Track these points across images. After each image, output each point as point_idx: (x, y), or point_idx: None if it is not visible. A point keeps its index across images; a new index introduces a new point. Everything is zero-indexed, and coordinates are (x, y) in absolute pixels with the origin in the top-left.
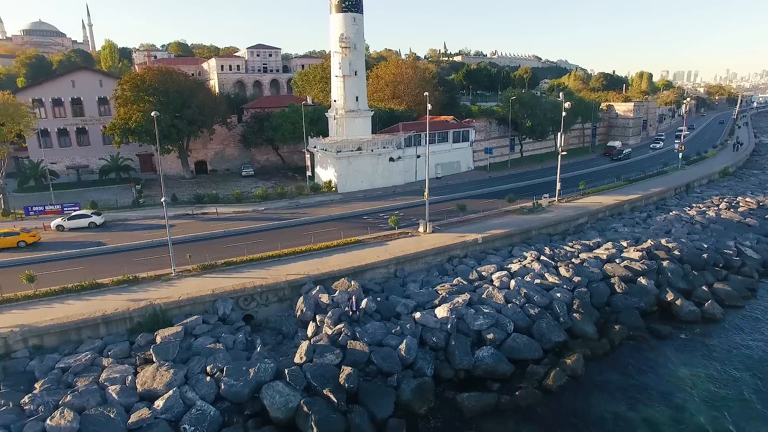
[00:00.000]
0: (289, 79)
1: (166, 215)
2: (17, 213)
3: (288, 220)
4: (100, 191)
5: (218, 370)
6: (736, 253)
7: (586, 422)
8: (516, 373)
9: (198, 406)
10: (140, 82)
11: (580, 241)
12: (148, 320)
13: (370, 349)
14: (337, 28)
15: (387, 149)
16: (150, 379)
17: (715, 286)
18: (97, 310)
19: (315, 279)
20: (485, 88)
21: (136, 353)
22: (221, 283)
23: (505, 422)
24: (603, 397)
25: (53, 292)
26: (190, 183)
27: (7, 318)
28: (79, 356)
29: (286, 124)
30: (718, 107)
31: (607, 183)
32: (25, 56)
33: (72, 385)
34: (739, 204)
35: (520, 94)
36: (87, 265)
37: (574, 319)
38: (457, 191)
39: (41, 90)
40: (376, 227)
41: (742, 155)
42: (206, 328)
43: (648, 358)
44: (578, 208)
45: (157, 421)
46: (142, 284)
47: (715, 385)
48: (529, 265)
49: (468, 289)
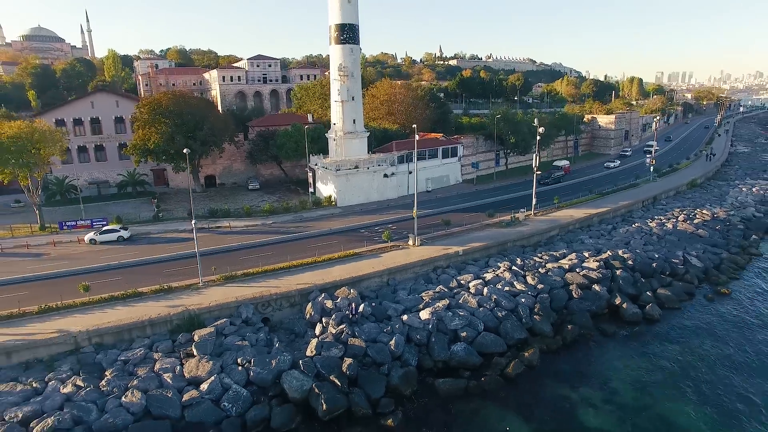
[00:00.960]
0: (288, 89)
1: (196, 237)
2: (52, 227)
3: (294, 234)
4: (119, 205)
5: (246, 362)
6: (682, 261)
7: (537, 402)
8: (483, 363)
9: (233, 389)
10: (157, 106)
11: (549, 252)
12: (185, 323)
13: (366, 344)
14: (336, 58)
15: (381, 167)
16: (194, 368)
17: (658, 291)
18: (143, 315)
19: (320, 287)
20: (478, 95)
21: (178, 349)
22: (242, 292)
23: (472, 402)
24: (553, 382)
25: (104, 300)
26: (202, 196)
27: (72, 320)
28: (135, 351)
29: (290, 142)
30: (706, 112)
31: (581, 196)
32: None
33: (133, 373)
34: (696, 216)
35: (505, 111)
36: (125, 275)
37: (535, 320)
38: (445, 204)
39: (63, 111)
40: (371, 240)
41: (713, 167)
42: (233, 329)
43: (592, 352)
44: (551, 222)
45: (203, 400)
46: (176, 293)
47: (643, 372)
48: (502, 274)
49: (448, 295)
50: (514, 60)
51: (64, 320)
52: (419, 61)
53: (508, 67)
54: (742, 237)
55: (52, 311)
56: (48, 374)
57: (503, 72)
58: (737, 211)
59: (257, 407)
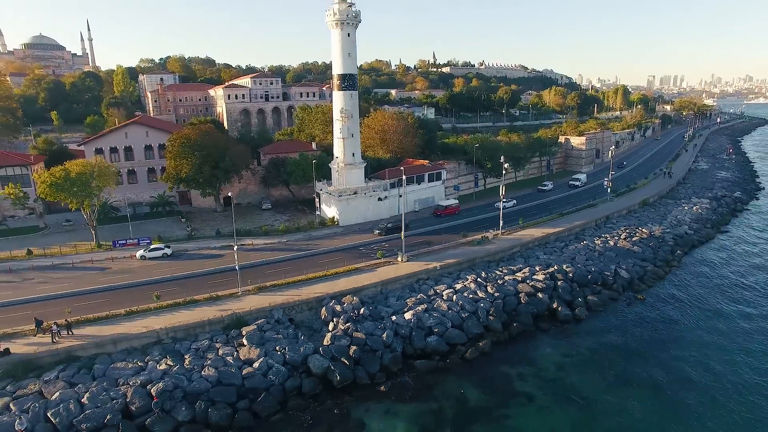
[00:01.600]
0: (289, 106)
1: (237, 257)
2: (106, 245)
3: (306, 251)
4: (153, 223)
5: (282, 348)
6: (613, 274)
7: (486, 376)
8: (449, 350)
9: (275, 367)
10: (186, 140)
11: (508, 267)
12: (233, 322)
13: (366, 336)
14: (338, 102)
15: (376, 192)
16: (247, 353)
17: (588, 298)
18: (202, 316)
19: (331, 296)
20: (467, 109)
21: (232, 341)
22: (273, 299)
23: (440, 377)
24: (499, 364)
25: (171, 305)
26: (222, 215)
27: (151, 321)
28: (201, 342)
29: (299, 170)
30: (685, 122)
31: (544, 216)
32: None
33: (203, 357)
34: (636, 234)
35: (484, 139)
36: (178, 286)
37: (489, 320)
38: (429, 225)
39: (102, 141)
40: (368, 257)
41: (668, 185)
42: (269, 326)
43: (530, 343)
44: (514, 241)
45: (256, 374)
46: (222, 300)
47: (565, 356)
48: (468, 285)
49: (426, 301)
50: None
51: (146, 320)
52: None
53: (500, 74)
54: (669, 252)
55: (135, 314)
56: (145, 357)
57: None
58: (673, 228)
59: (292, 379)
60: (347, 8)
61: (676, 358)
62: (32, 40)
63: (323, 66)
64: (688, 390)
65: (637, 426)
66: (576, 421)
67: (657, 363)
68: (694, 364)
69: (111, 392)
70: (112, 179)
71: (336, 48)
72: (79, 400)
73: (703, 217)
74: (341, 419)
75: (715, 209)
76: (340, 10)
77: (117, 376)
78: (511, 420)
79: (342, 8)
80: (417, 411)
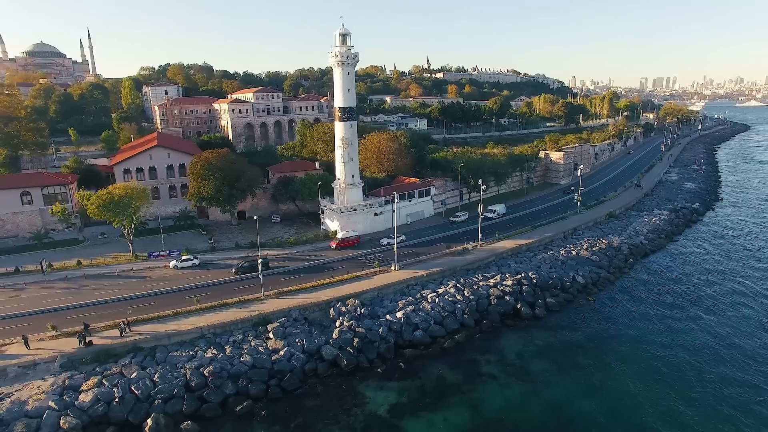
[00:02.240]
0: (289, 120)
1: (260, 268)
2: (141, 256)
3: (313, 261)
4: (178, 236)
5: (301, 341)
6: (571, 279)
7: (460, 362)
8: (431, 342)
9: (296, 354)
10: (207, 163)
11: (483, 274)
12: (260, 320)
13: (366, 331)
14: (339, 132)
15: (373, 208)
16: (273, 344)
17: (548, 300)
18: (235, 316)
19: (337, 299)
20: (458, 119)
21: (260, 335)
22: (290, 302)
23: (424, 361)
24: (470, 352)
25: (208, 307)
26: (237, 228)
27: (195, 320)
28: (237, 336)
29: (305, 189)
30: (668, 130)
31: (519, 228)
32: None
33: (240, 348)
34: (596, 244)
35: (468, 158)
36: (210, 292)
37: (465, 317)
38: (419, 236)
39: (130, 162)
40: (366, 266)
41: (635, 198)
42: (289, 323)
43: (497, 336)
44: (491, 251)
45: (282, 360)
46: (249, 302)
47: (524, 347)
48: (449, 290)
49: (414, 303)
50: (499, 72)
51: (190, 319)
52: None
53: (493, 80)
54: (623, 260)
55: (180, 314)
56: (194, 348)
57: (488, 85)
58: (630, 239)
59: (309, 363)
60: (347, 51)
61: (612, 348)
62: (33, 48)
63: (319, 72)
64: (617, 372)
65: (571, 396)
66: (527, 393)
67: (595, 352)
68: (624, 353)
69: (174, 373)
70: (146, 199)
71: (337, 84)
72: (152, 378)
73: (660, 228)
74: (348, 393)
75: (672, 220)
76: (342, 53)
77: (175, 362)
78: (477, 393)
79: (343, 51)
80: (405, 387)
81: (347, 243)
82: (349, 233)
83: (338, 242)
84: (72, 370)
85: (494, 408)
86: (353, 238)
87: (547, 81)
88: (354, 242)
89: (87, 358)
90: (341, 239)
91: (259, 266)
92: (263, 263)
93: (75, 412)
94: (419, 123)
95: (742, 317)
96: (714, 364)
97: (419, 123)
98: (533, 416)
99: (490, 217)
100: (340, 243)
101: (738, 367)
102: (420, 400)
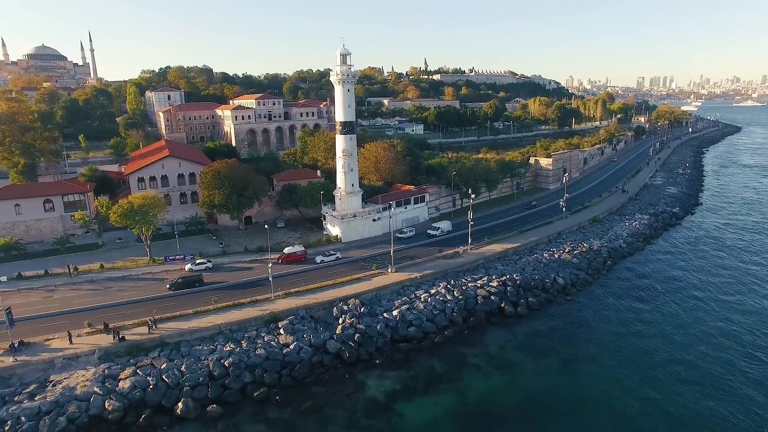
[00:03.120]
0: (290, 126)
1: (271, 271)
2: (158, 260)
3: (317, 264)
4: (189, 240)
5: (308, 336)
6: (552, 280)
7: (449, 354)
8: (423, 337)
9: (305, 348)
10: (217, 174)
11: (472, 276)
12: (271, 318)
13: (365, 327)
14: (340, 144)
15: (371, 214)
16: (284, 339)
17: (530, 299)
18: (249, 315)
19: (339, 299)
20: (454, 124)
21: (272, 331)
22: (297, 302)
23: (418, 354)
24: (458, 346)
25: (224, 307)
26: (244, 233)
27: (212, 318)
28: (251, 333)
29: (308, 196)
30: (660, 132)
31: (507, 233)
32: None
33: (255, 342)
34: (578, 248)
35: (461, 166)
36: (226, 293)
37: (454, 315)
38: (414, 241)
39: (144, 171)
40: (365, 268)
41: (619, 202)
42: (297, 320)
43: (482, 332)
44: (479, 255)
45: (291, 352)
46: (260, 302)
47: (507, 341)
48: (440, 290)
49: (408, 302)
50: (496, 73)
51: (209, 317)
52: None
53: (489, 81)
54: (602, 263)
55: (200, 313)
56: (214, 343)
57: (484, 86)
58: (610, 242)
59: (316, 356)
60: (347, 69)
61: (584, 341)
62: (35, 51)
63: (317, 74)
64: (590, 362)
65: (545, 384)
66: (507, 381)
67: (570, 345)
68: (596, 346)
69: (198, 364)
70: (162, 208)
71: (338, 100)
72: (179, 369)
73: (639, 231)
74: (350, 381)
75: (651, 224)
76: (342, 72)
77: (198, 355)
78: (463, 381)
79: (344, 69)
80: (400, 376)
81: (293, 258)
82: (295, 249)
83: (283, 257)
84: (109, 361)
85: (477, 393)
86: (299, 253)
87: (543, 82)
88: (300, 257)
89: (121, 352)
90: (287, 254)
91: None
92: (196, 279)
93: (117, 397)
94: (416, 128)
95: (698, 311)
96: (673, 350)
97: (416, 128)
98: (511, 400)
99: (433, 234)
100: (285, 258)
101: (691, 351)
102: (413, 387)
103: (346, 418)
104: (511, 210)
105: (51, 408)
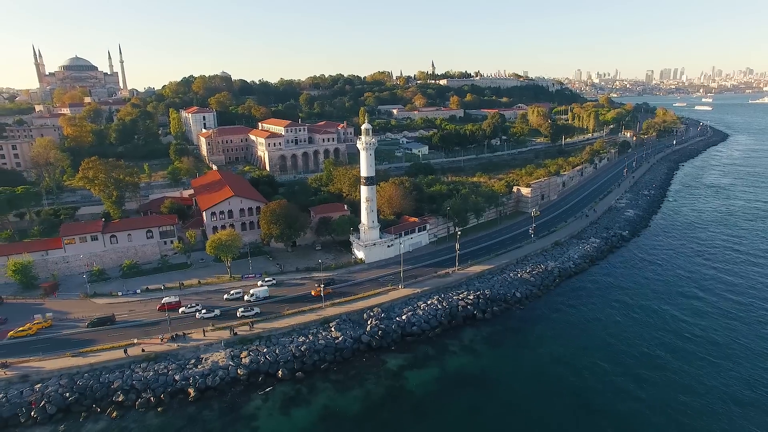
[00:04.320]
0: (314, 151)
1: (323, 289)
2: (236, 277)
3: (349, 282)
4: (253, 261)
5: (349, 332)
6: (512, 294)
7: (438, 345)
8: (421, 333)
9: (348, 340)
10: (273, 212)
11: (457, 291)
12: (323, 321)
13: (385, 327)
14: (364, 193)
15: (386, 242)
16: (334, 334)
17: (494, 308)
18: (310, 318)
19: (367, 307)
20: (456, 144)
21: (327, 329)
22: (340, 309)
23: (418, 344)
24: (444, 339)
25: (294, 313)
26: (292, 254)
27: (287, 321)
28: (313, 330)
29: (340, 228)
30: (646, 145)
31: (488, 255)
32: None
33: (316, 336)
34: (536, 269)
35: (454, 204)
36: (289, 303)
37: (442, 319)
38: (418, 262)
39: (216, 207)
40: (383, 285)
41: (579, 227)
42: (341, 322)
43: (460, 331)
44: (464, 274)
45: (340, 342)
46: (315, 310)
47: (475, 336)
48: (434, 302)
49: (412, 310)
50: (500, 77)
51: (284, 320)
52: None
53: (494, 85)
54: (552, 280)
55: (278, 317)
56: (291, 336)
57: (489, 90)
58: (562, 264)
59: (355, 344)
60: (370, 140)
61: (528, 335)
62: (69, 62)
63: (330, 79)
64: (527, 349)
65: (500, 362)
66: (474, 359)
67: (517, 338)
68: (535, 339)
69: (285, 348)
70: (240, 241)
71: (363, 161)
72: (274, 352)
73: (588, 254)
74: (376, 360)
75: (600, 247)
76: (366, 141)
77: (284, 344)
78: (445, 360)
79: (367, 140)
80: (406, 357)
81: (170, 306)
82: (171, 298)
83: (162, 306)
84: (230, 347)
85: (454, 367)
86: (174, 302)
87: (546, 84)
88: (176, 306)
89: (236, 341)
90: (165, 303)
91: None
92: (107, 319)
93: (242, 367)
94: (421, 150)
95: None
96: (586, 338)
97: (421, 150)
98: (475, 372)
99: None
100: (162, 306)
101: (597, 339)
102: (414, 363)
103: (374, 380)
104: (493, 234)
105: (208, 373)
